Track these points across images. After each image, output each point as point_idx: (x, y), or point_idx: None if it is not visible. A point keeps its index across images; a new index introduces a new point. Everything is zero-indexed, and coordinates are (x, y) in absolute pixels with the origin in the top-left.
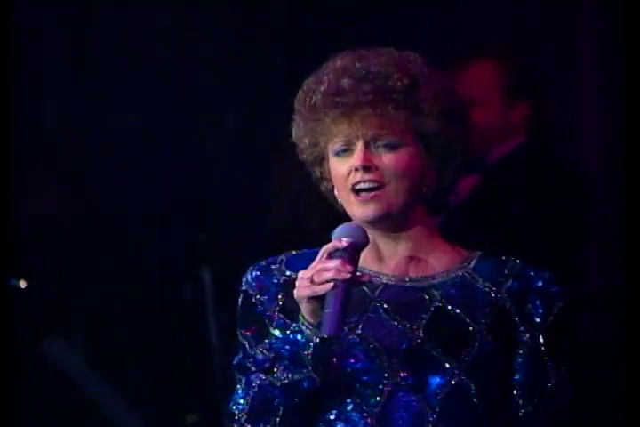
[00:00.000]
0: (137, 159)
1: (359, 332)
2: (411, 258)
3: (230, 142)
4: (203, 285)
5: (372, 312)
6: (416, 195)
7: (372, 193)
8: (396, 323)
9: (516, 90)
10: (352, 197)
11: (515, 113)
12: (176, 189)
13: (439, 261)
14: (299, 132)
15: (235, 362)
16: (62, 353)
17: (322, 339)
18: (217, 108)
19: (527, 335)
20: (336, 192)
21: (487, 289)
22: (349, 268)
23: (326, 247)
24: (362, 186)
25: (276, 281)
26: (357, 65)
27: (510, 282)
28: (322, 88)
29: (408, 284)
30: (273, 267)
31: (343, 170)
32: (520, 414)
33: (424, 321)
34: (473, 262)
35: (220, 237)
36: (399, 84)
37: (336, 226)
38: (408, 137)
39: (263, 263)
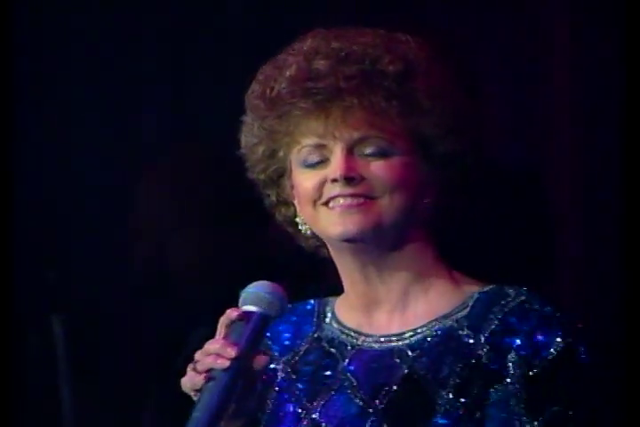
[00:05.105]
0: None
1: (314, 416)
2: (397, 307)
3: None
4: (52, 338)
5: (337, 390)
6: (411, 214)
7: (357, 201)
8: (358, 401)
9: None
10: (325, 211)
11: None
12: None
13: (430, 308)
14: (251, 138)
15: None
16: None
17: None
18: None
19: (500, 393)
20: (300, 213)
21: (467, 338)
22: (231, 352)
23: (222, 319)
24: (341, 202)
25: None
26: (334, 44)
27: (495, 324)
28: (287, 73)
29: (383, 345)
30: None
31: (314, 182)
32: None
33: (389, 395)
34: (471, 302)
35: (74, 278)
36: (391, 68)
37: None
38: (402, 141)
39: None
